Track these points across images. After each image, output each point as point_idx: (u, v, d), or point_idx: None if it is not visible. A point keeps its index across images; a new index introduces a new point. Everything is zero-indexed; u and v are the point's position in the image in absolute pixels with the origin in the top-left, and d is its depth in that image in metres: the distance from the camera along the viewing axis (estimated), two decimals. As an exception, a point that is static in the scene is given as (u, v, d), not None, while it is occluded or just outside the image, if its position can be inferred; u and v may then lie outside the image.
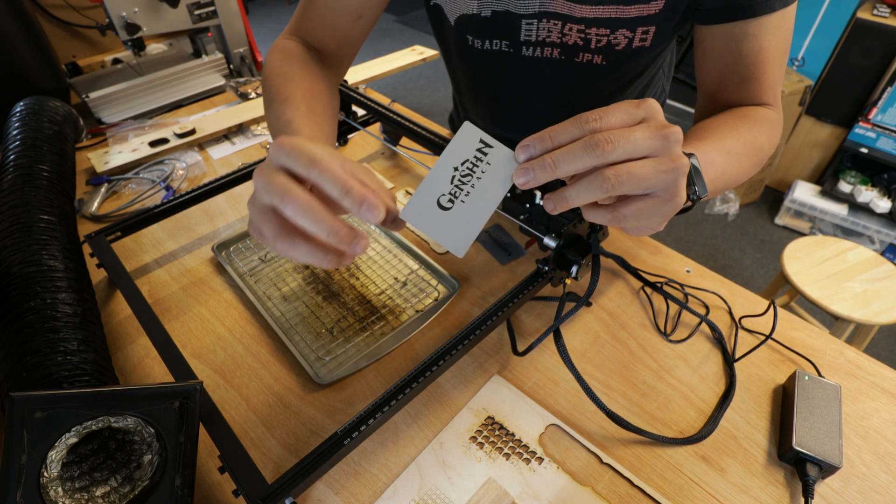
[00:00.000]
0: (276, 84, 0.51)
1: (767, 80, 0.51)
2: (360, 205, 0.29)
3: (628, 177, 0.30)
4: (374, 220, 0.30)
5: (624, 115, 0.31)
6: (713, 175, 0.43)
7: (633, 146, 0.30)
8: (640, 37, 0.54)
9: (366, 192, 0.29)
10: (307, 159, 0.30)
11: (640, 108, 0.31)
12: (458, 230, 0.33)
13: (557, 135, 0.30)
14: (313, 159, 0.29)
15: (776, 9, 0.47)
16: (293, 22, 0.60)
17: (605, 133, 0.29)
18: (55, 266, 0.52)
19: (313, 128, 0.46)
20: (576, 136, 0.30)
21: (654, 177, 0.30)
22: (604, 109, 0.30)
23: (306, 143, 0.31)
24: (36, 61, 0.92)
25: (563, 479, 0.44)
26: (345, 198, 0.29)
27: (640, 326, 0.57)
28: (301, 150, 0.30)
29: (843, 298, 1.18)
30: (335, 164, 0.30)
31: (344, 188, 0.29)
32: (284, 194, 0.29)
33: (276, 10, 4.26)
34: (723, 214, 2.19)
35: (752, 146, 0.48)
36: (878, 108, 1.86)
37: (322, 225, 0.29)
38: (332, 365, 0.53)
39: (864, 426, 0.48)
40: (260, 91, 1.06)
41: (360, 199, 0.29)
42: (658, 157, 0.31)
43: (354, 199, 0.29)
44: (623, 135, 0.29)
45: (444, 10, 0.61)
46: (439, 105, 3.05)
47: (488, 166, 0.32)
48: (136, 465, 0.38)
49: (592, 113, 0.30)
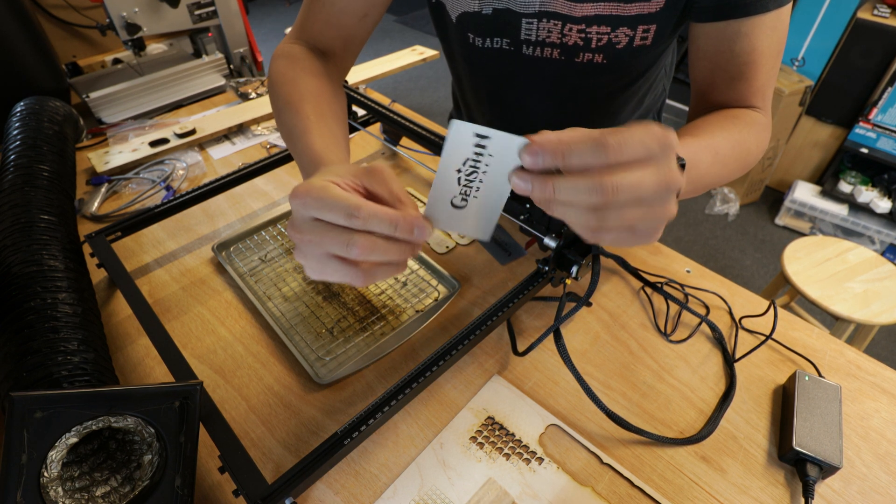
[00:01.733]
0: (284, 92, 0.52)
1: (758, 81, 0.51)
2: (412, 233, 0.31)
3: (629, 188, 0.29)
4: (426, 238, 0.31)
5: (642, 151, 0.29)
6: (695, 175, 0.43)
7: (635, 197, 0.29)
8: (641, 35, 0.54)
9: (412, 219, 0.31)
10: (345, 213, 0.30)
11: (659, 144, 0.29)
12: (478, 220, 0.34)
13: (570, 154, 0.28)
14: (350, 212, 0.30)
15: (770, 9, 0.47)
16: (298, 23, 0.60)
17: (614, 181, 0.28)
18: (55, 266, 0.52)
19: (325, 137, 0.46)
20: (588, 164, 0.28)
21: (642, 223, 0.30)
22: (625, 139, 0.28)
23: (328, 190, 0.31)
24: (36, 61, 0.93)
25: (564, 480, 0.44)
26: (397, 233, 0.31)
27: (641, 326, 0.57)
28: (330, 201, 0.30)
29: (843, 299, 1.17)
30: (372, 207, 0.30)
31: (393, 225, 0.30)
32: (347, 243, 0.30)
33: (276, 10, 4.26)
34: (723, 214, 2.19)
35: (740, 148, 0.49)
36: (878, 108, 1.86)
37: (393, 253, 0.31)
38: (333, 365, 0.53)
39: (864, 426, 0.48)
40: (260, 91, 1.06)
41: (411, 228, 0.31)
42: (651, 206, 0.30)
43: (406, 231, 0.31)
44: (630, 187, 0.28)
45: (446, 7, 0.61)
46: (439, 105, 3.05)
47: (492, 158, 0.31)
48: (136, 465, 0.38)
49: (613, 138, 0.28)
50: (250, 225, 0.68)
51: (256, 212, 0.73)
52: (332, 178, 0.32)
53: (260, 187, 0.78)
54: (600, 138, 0.28)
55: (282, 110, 0.51)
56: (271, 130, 0.93)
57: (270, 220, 0.70)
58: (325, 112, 0.50)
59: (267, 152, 0.88)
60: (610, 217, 0.29)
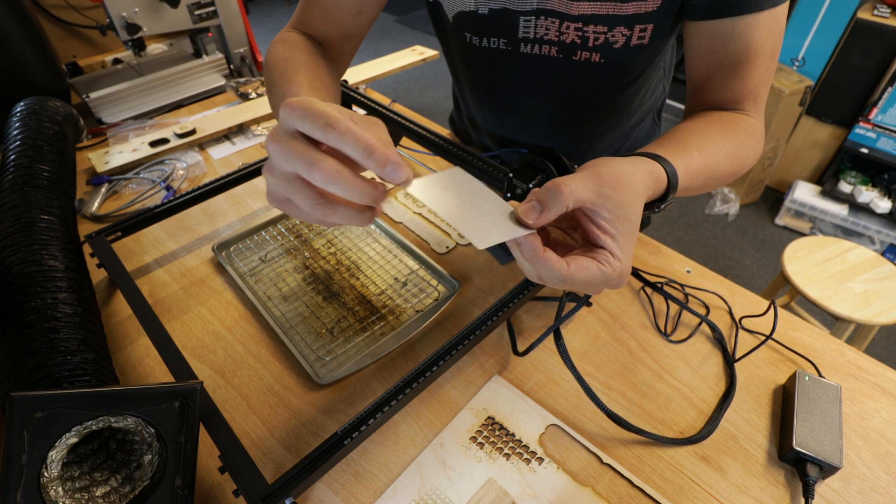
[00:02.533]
0: (279, 68, 0.51)
1: (753, 80, 0.51)
2: (384, 166, 0.28)
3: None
4: (399, 180, 0.29)
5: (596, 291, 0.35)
6: (686, 182, 0.43)
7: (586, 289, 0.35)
8: (639, 34, 0.54)
9: (388, 153, 0.29)
10: (323, 121, 0.29)
11: (598, 287, 0.34)
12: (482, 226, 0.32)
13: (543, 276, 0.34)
14: (329, 121, 0.29)
15: (764, 8, 0.47)
16: (295, 17, 0.61)
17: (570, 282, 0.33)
18: (55, 266, 0.52)
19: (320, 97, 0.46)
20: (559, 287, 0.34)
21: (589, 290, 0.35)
22: (576, 283, 0.33)
23: (318, 103, 0.30)
24: (36, 61, 0.93)
25: (564, 480, 0.44)
26: (368, 160, 0.28)
27: (641, 327, 0.57)
28: (315, 112, 0.29)
29: (843, 299, 1.17)
30: (352, 125, 0.29)
31: (366, 150, 0.28)
32: (310, 163, 0.29)
33: (276, 10, 4.26)
34: (723, 215, 2.19)
35: (738, 160, 0.49)
36: (878, 108, 1.86)
37: (354, 189, 0.29)
38: (333, 365, 0.53)
39: (864, 426, 0.48)
40: (260, 91, 1.06)
41: (384, 161, 0.28)
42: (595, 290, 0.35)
43: (378, 161, 0.28)
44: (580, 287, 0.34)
45: (443, 6, 0.61)
46: (439, 105, 3.05)
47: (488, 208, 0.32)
48: (136, 465, 0.38)
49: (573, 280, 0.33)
50: (250, 225, 0.68)
51: (256, 212, 0.73)
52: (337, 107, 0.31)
53: (260, 187, 0.78)
54: (566, 278, 0.33)
55: (275, 84, 0.50)
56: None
57: (270, 220, 0.70)
58: (320, 86, 0.49)
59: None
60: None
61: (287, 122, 0.30)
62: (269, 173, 0.31)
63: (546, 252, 0.32)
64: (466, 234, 0.31)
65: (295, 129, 0.30)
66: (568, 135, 0.70)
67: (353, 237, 0.68)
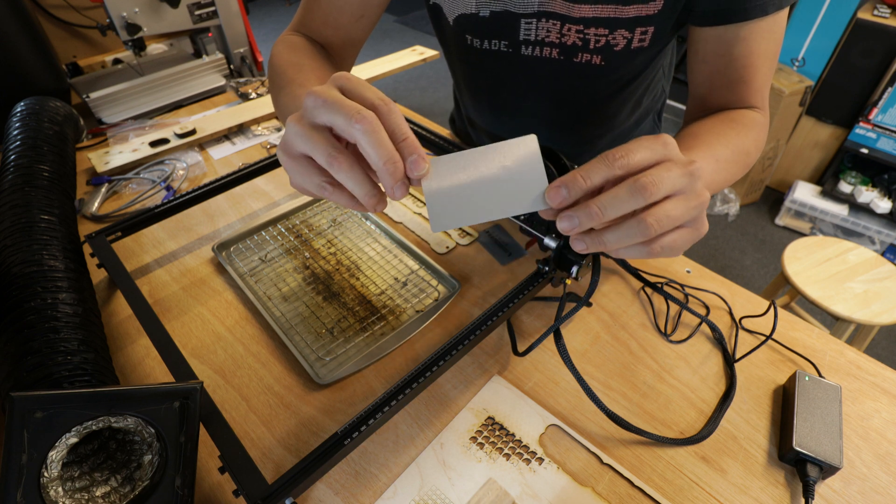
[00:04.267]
0: (287, 71, 0.52)
1: (756, 83, 0.51)
2: (392, 187, 0.31)
3: (667, 220, 0.31)
4: (399, 197, 0.32)
5: (648, 153, 0.31)
6: None
7: (672, 187, 0.31)
8: (639, 37, 0.54)
9: (398, 176, 0.31)
10: (348, 115, 0.30)
11: (659, 143, 0.32)
12: (449, 207, 0.33)
13: (589, 175, 0.31)
14: (354, 114, 0.30)
15: (768, 12, 0.47)
16: (296, 20, 0.61)
17: (648, 177, 0.30)
18: (56, 266, 0.52)
19: None
20: (606, 176, 0.31)
21: (686, 214, 0.32)
22: (627, 147, 0.31)
23: (344, 99, 0.31)
24: (36, 61, 0.93)
25: (564, 480, 0.44)
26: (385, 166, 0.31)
27: (641, 327, 0.57)
28: (342, 105, 0.31)
29: (843, 299, 1.17)
30: (378, 123, 0.31)
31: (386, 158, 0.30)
32: (330, 157, 0.31)
33: (276, 10, 4.26)
34: (723, 215, 2.19)
35: (740, 152, 0.49)
36: (878, 108, 1.86)
37: (361, 190, 0.32)
38: (333, 365, 0.53)
39: (864, 427, 0.48)
40: (261, 91, 1.06)
41: (393, 181, 0.31)
42: (686, 194, 0.32)
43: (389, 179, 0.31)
44: (662, 178, 0.30)
45: (444, 9, 0.61)
46: (440, 105, 3.05)
47: (520, 183, 0.32)
48: (136, 465, 0.38)
49: (617, 151, 0.31)
50: (250, 225, 0.68)
51: (257, 212, 0.73)
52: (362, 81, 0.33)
53: (260, 187, 0.78)
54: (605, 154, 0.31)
55: (283, 87, 0.51)
56: (271, 130, 0.93)
57: (271, 220, 0.70)
58: None
59: (267, 152, 0.88)
60: (662, 222, 0.32)
61: (313, 110, 0.32)
62: (285, 151, 0.33)
63: None
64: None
65: (321, 121, 0.32)
66: (568, 136, 0.70)
67: (354, 237, 0.68)
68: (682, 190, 0.32)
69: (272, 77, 0.55)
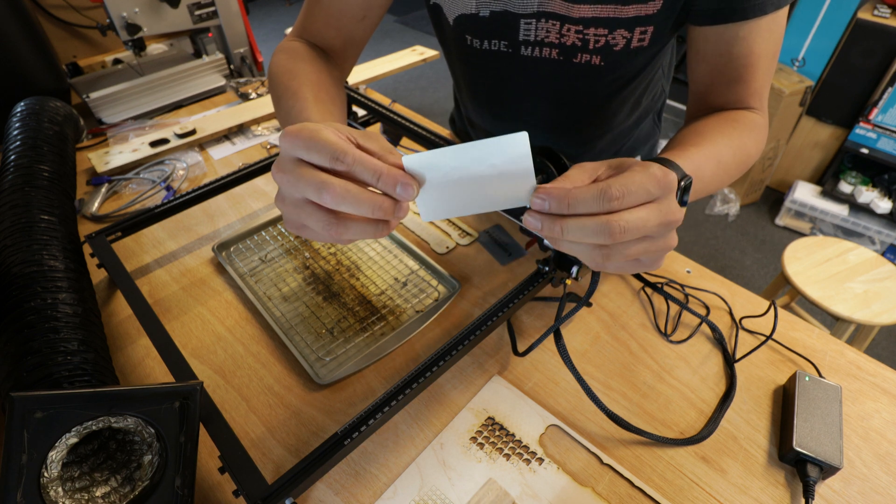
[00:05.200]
0: (284, 81, 0.52)
1: (756, 83, 0.51)
2: (394, 186, 0.30)
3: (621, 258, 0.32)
4: (409, 198, 0.31)
5: (644, 196, 0.31)
6: (699, 185, 0.44)
7: (642, 233, 0.31)
8: (639, 37, 0.54)
9: (396, 174, 0.30)
10: (329, 154, 0.30)
11: (659, 186, 0.31)
12: (439, 199, 0.33)
13: (576, 203, 0.31)
14: (336, 154, 0.30)
15: (768, 11, 0.47)
16: (299, 23, 0.61)
17: (621, 221, 0.30)
18: (56, 266, 0.52)
19: (324, 115, 0.46)
20: (593, 210, 0.31)
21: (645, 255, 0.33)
22: (626, 185, 0.30)
23: (319, 133, 0.31)
24: (36, 61, 0.93)
25: (564, 480, 0.44)
26: (378, 182, 0.30)
27: (641, 327, 0.57)
28: (320, 144, 0.30)
29: (843, 299, 1.17)
30: (357, 153, 0.30)
31: (376, 173, 0.30)
32: (320, 187, 0.30)
33: (276, 10, 4.26)
34: (723, 215, 2.19)
35: (742, 154, 0.49)
36: (878, 108, 1.86)
37: (365, 205, 0.30)
38: (333, 365, 0.53)
39: (864, 427, 0.48)
40: (261, 91, 1.06)
41: (394, 182, 0.30)
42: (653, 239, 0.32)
43: (388, 183, 0.30)
44: (635, 228, 0.30)
45: (444, 9, 0.61)
46: (440, 105, 3.05)
47: (509, 179, 0.32)
48: (136, 465, 0.38)
49: (616, 189, 0.30)
50: (250, 225, 0.68)
51: (257, 212, 0.73)
52: (325, 125, 0.32)
53: (260, 187, 0.78)
54: (605, 188, 0.30)
55: (281, 97, 0.51)
56: (271, 131, 0.93)
57: (271, 220, 0.70)
58: (325, 98, 0.50)
59: (267, 152, 0.88)
60: (615, 253, 0.32)
61: (290, 151, 0.31)
62: (282, 203, 0.32)
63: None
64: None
65: (299, 157, 0.31)
66: (568, 136, 0.70)
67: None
68: (652, 236, 0.32)
69: (271, 87, 0.55)
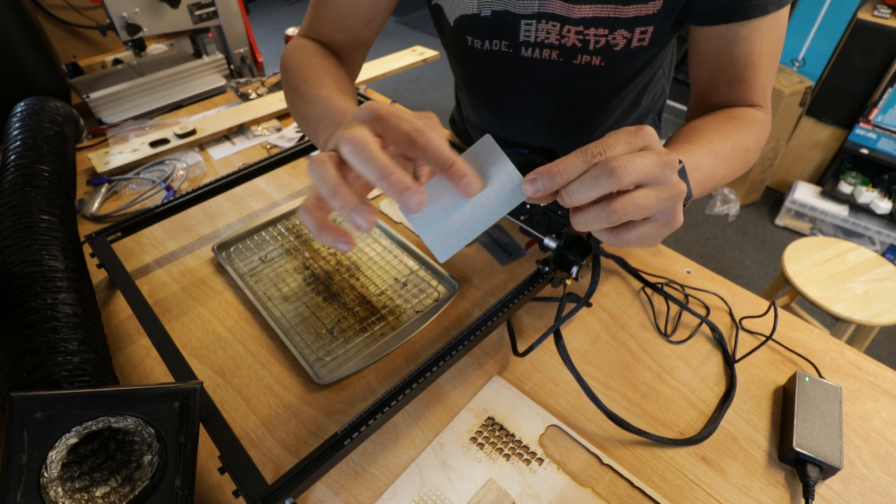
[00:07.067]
0: (303, 72, 0.53)
1: (758, 82, 0.51)
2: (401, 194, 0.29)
3: (633, 208, 0.31)
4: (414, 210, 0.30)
5: (625, 146, 0.31)
6: (700, 178, 0.43)
7: (643, 173, 0.30)
8: (639, 37, 0.54)
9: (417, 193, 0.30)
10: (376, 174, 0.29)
11: (638, 136, 0.31)
12: (445, 234, 0.33)
13: (566, 168, 0.30)
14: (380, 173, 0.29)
15: (769, 11, 0.47)
16: (305, 24, 0.62)
17: (618, 160, 0.29)
18: (56, 266, 0.52)
19: (347, 105, 0.45)
20: (582, 169, 0.30)
21: (657, 205, 0.31)
22: (605, 141, 0.31)
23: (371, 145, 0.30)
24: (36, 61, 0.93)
25: (564, 480, 0.44)
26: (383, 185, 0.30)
27: (641, 327, 0.57)
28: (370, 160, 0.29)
29: (843, 299, 1.17)
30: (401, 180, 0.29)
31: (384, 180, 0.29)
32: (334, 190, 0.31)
33: (276, 10, 4.26)
34: (723, 215, 2.19)
35: (740, 148, 0.49)
36: (878, 108, 1.86)
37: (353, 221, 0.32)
38: (333, 365, 0.53)
39: (864, 427, 0.48)
40: (261, 91, 1.06)
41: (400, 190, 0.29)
42: (659, 185, 0.31)
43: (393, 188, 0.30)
44: (634, 162, 0.30)
45: (444, 10, 0.61)
46: (440, 105, 3.05)
47: (495, 182, 0.32)
48: (136, 465, 0.38)
49: (595, 146, 0.30)
50: (250, 225, 0.68)
51: (257, 212, 0.73)
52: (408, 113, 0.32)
53: (260, 187, 0.78)
54: (583, 148, 0.30)
55: (300, 86, 0.51)
56: (271, 131, 0.93)
57: (271, 220, 0.70)
58: (346, 90, 0.50)
59: (267, 153, 0.88)
60: (628, 206, 0.31)
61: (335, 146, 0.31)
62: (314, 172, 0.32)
63: None
64: None
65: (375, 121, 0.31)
66: (568, 136, 0.70)
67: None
68: (656, 179, 0.31)
69: (286, 78, 0.55)
